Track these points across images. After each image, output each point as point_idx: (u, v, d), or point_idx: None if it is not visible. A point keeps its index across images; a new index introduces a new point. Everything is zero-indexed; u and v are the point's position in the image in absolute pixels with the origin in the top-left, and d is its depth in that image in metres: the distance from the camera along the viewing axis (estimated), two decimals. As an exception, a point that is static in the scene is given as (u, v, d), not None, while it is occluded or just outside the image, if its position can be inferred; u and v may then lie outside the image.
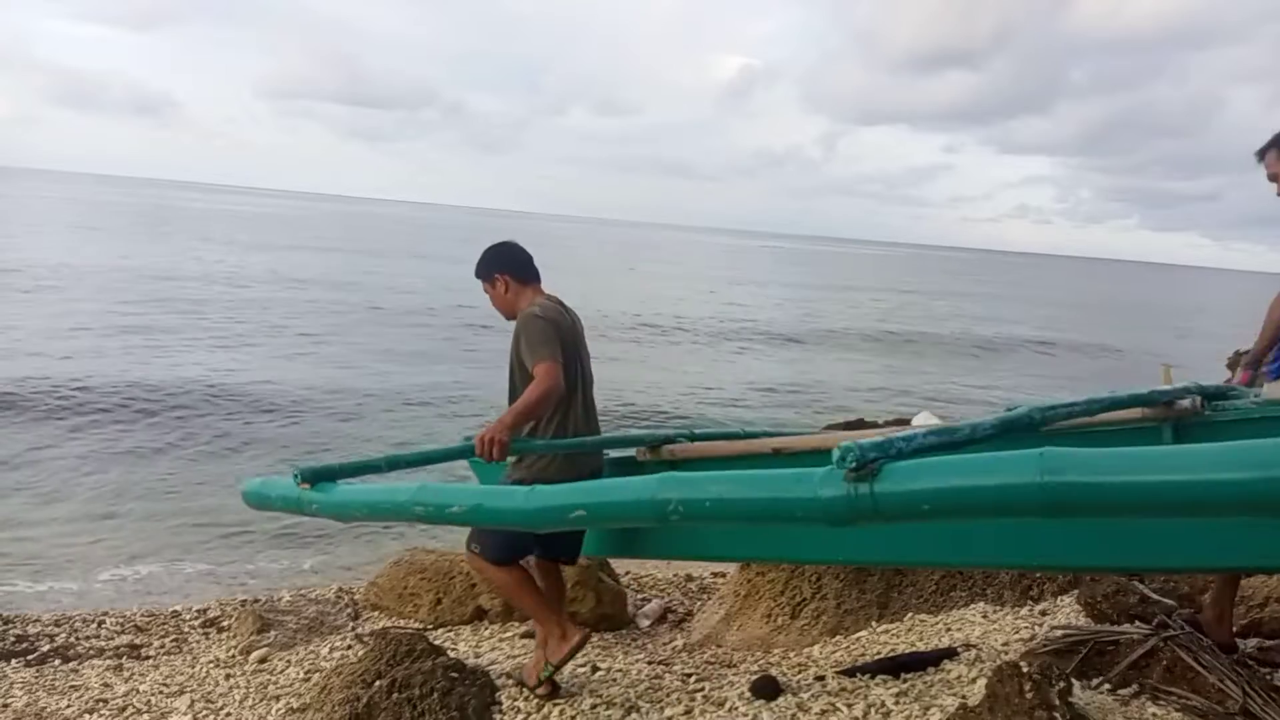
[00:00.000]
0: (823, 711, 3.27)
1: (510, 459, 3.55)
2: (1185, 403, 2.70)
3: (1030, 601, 4.77)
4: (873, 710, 3.28)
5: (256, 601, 5.84)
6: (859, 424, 6.53)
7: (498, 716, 3.43)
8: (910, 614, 4.93)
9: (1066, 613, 4.43)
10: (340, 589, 5.89)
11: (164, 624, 5.46)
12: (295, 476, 3.12)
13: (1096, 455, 1.65)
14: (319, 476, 3.12)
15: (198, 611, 5.69)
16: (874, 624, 4.91)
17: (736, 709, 3.33)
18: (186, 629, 5.36)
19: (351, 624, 5.19)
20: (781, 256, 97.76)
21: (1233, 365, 7.45)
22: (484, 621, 5.01)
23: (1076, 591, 4.58)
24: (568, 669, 3.78)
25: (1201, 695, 3.17)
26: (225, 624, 5.33)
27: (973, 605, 4.89)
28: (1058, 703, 2.71)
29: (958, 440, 2.13)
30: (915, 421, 3.77)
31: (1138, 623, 3.84)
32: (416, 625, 5.02)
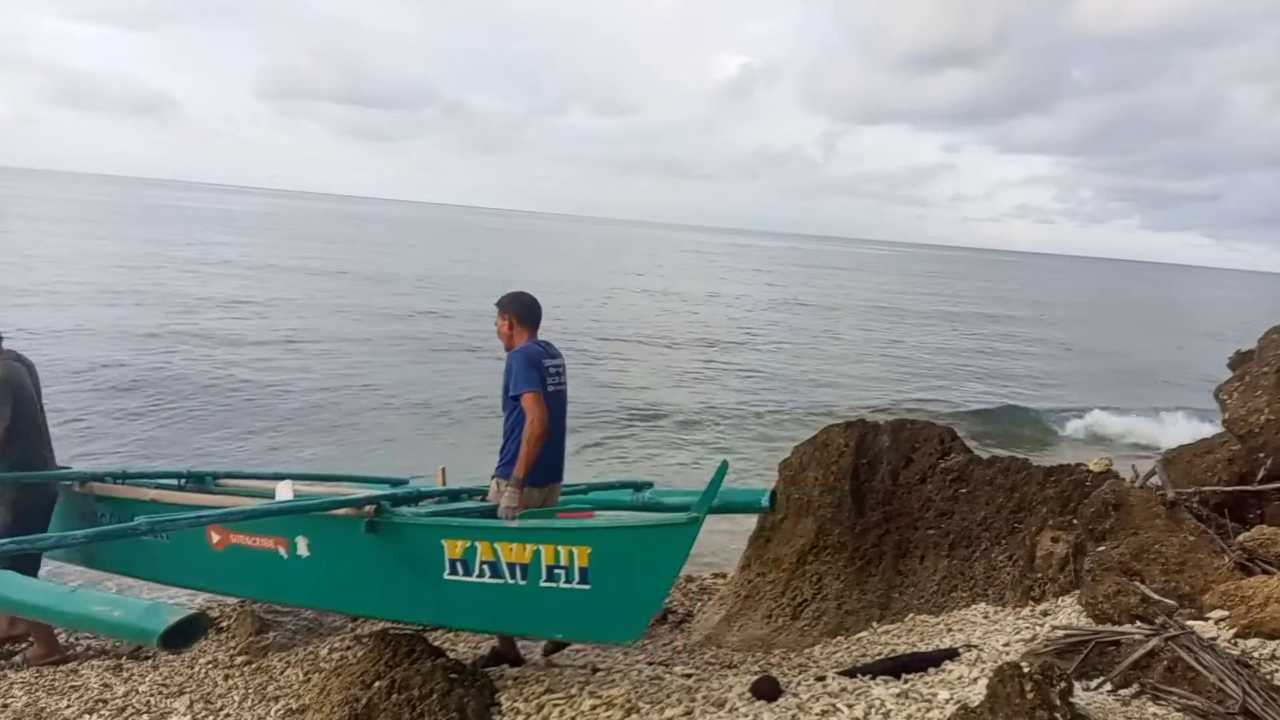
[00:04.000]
0: (823, 712, 3.26)
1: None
2: (368, 508, 3.71)
3: (1031, 602, 4.76)
4: (873, 710, 3.27)
5: (255, 602, 5.81)
6: (860, 421, 6.53)
7: (496, 717, 3.42)
8: (911, 614, 4.93)
9: (1068, 613, 4.42)
10: (340, 590, 5.87)
11: (163, 624, 5.45)
12: None
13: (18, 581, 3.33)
14: None
15: (197, 612, 5.67)
16: (875, 624, 4.90)
17: (737, 709, 3.32)
18: (186, 630, 5.34)
19: (351, 625, 5.19)
20: (778, 257, 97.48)
21: (1234, 365, 7.41)
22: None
23: (1078, 592, 4.57)
24: (567, 670, 3.89)
25: (1202, 695, 3.17)
26: (224, 625, 5.32)
27: (974, 606, 4.89)
28: (1059, 703, 2.71)
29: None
30: (278, 492, 4.36)
31: (1139, 623, 3.83)
32: (416, 626, 5.01)
